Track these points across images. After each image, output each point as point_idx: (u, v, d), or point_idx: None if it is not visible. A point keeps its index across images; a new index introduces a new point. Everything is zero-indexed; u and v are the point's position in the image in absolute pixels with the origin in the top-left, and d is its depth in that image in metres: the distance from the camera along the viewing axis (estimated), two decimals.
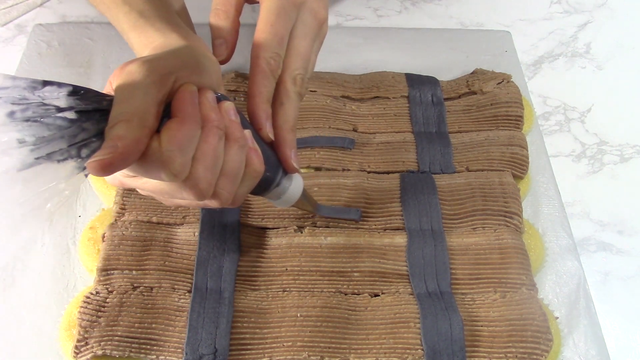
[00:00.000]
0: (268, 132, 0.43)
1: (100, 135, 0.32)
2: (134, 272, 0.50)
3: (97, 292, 0.48)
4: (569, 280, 0.53)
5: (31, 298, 0.51)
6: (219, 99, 0.39)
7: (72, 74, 0.66)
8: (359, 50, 0.71)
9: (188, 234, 0.52)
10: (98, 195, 0.57)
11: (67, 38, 0.70)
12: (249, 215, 0.54)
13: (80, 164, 0.31)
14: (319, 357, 0.46)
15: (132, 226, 0.52)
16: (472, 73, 0.67)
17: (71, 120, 0.30)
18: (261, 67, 0.43)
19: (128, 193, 0.54)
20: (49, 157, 0.30)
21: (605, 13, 0.79)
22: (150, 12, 0.45)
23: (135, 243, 0.51)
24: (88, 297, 0.48)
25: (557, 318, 0.51)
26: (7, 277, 0.52)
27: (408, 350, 0.46)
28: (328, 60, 0.69)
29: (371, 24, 0.76)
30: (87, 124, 0.31)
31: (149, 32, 0.44)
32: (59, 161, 0.30)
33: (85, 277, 0.52)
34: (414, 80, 0.65)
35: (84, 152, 0.31)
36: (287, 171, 0.45)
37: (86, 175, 0.31)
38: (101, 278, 0.49)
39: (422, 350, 0.46)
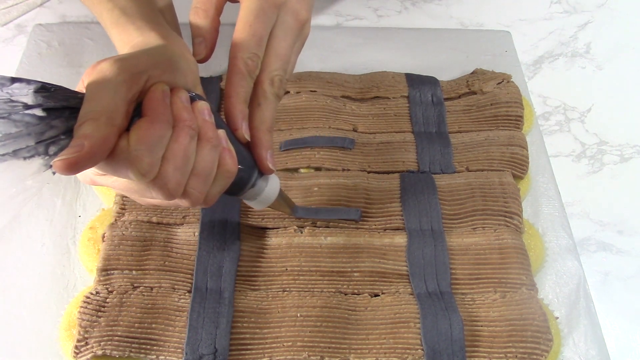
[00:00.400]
0: (244, 132, 0.43)
1: (69, 133, 0.31)
2: (134, 272, 0.50)
3: (97, 292, 0.48)
4: (569, 280, 0.53)
5: (31, 298, 0.51)
6: (193, 99, 0.39)
7: (72, 74, 0.66)
8: (359, 50, 0.71)
9: (188, 234, 0.52)
10: (98, 195, 0.57)
11: (67, 38, 0.70)
12: (249, 215, 0.54)
13: (47, 162, 0.31)
14: (319, 357, 0.46)
15: (132, 226, 0.52)
16: (472, 73, 0.67)
17: (39, 118, 0.30)
18: (238, 68, 0.43)
19: None
20: (15, 154, 0.30)
21: (605, 13, 0.79)
22: (132, 10, 0.45)
23: (135, 243, 0.51)
24: (88, 297, 0.48)
25: (557, 318, 0.51)
26: (7, 277, 0.52)
27: (408, 350, 0.46)
28: (328, 60, 0.69)
29: (371, 24, 0.76)
30: (55, 122, 0.31)
31: (129, 30, 0.44)
32: (25, 158, 0.30)
33: (85, 277, 0.52)
34: (414, 80, 0.65)
35: (52, 149, 0.31)
36: (262, 172, 0.45)
37: (54, 173, 0.31)
38: (101, 278, 0.49)
39: (422, 350, 0.46)
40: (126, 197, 0.54)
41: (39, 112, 0.30)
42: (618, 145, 0.66)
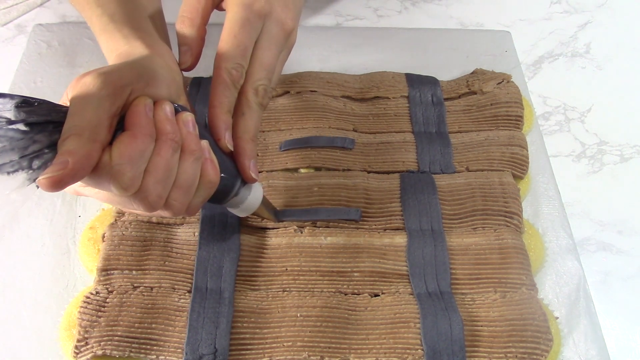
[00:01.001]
0: (227, 142, 0.43)
1: (53, 146, 0.32)
2: (134, 272, 0.50)
3: (97, 292, 0.48)
4: (569, 280, 0.53)
5: (31, 298, 0.51)
6: (177, 110, 0.39)
7: (72, 74, 0.66)
8: (359, 50, 0.71)
9: (188, 234, 0.52)
10: None
11: (67, 38, 0.70)
12: (249, 215, 0.54)
13: (31, 176, 0.31)
14: (319, 357, 0.46)
15: (132, 226, 0.52)
16: (472, 73, 0.67)
17: (22, 132, 0.30)
18: (222, 78, 0.43)
19: None
20: None
21: (605, 13, 0.79)
22: (119, 17, 0.45)
23: (135, 243, 0.51)
24: (88, 297, 0.48)
25: (557, 318, 0.51)
26: (7, 277, 0.52)
27: (408, 350, 0.46)
28: (328, 60, 0.69)
29: (371, 24, 0.76)
30: (38, 136, 0.31)
31: (116, 37, 0.44)
32: (9, 173, 0.30)
33: (85, 277, 0.52)
34: (414, 80, 0.65)
35: (36, 163, 0.31)
36: (245, 181, 0.45)
37: (37, 187, 0.31)
38: (101, 278, 0.49)
39: (422, 350, 0.46)
40: None
41: (21, 126, 0.30)
42: (618, 145, 0.66)
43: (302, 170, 0.57)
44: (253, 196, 0.46)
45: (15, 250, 0.53)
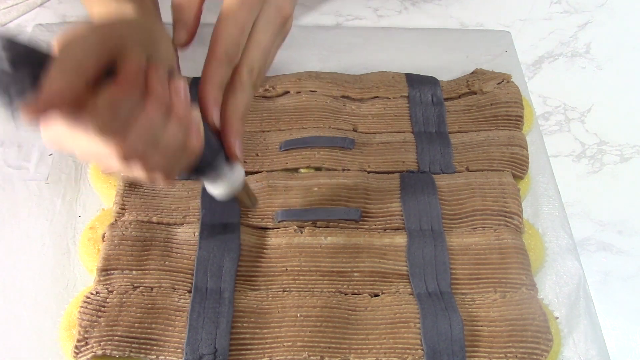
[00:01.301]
0: (214, 118, 0.42)
1: (36, 87, 0.31)
2: (134, 272, 0.50)
3: (97, 292, 0.48)
4: (569, 280, 0.53)
5: (31, 298, 0.51)
6: (171, 76, 0.38)
7: None
8: (359, 50, 0.71)
9: (188, 234, 0.52)
10: (98, 195, 0.57)
11: None
12: (249, 215, 0.54)
13: (12, 109, 0.30)
14: (319, 357, 0.46)
15: (132, 226, 0.52)
16: (472, 73, 0.67)
17: (4, 72, 0.30)
18: (217, 54, 0.43)
19: (128, 193, 0.54)
20: None
21: (605, 13, 0.79)
22: None
23: (135, 243, 0.51)
24: (88, 297, 0.48)
25: (557, 318, 0.51)
26: (7, 276, 0.52)
27: (408, 350, 0.46)
28: (328, 60, 0.69)
29: (371, 24, 0.76)
30: (21, 75, 0.31)
31: (111, 5, 0.44)
32: None
33: (85, 277, 0.52)
34: (414, 80, 0.65)
35: (17, 101, 0.30)
36: (228, 157, 0.44)
37: (17, 119, 0.31)
38: (101, 278, 0.49)
39: (422, 350, 0.46)
40: (126, 197, 0.54)
41: (5, 65, 0.30)
42: (618, 145, 0.66)
43: (302, 170, 0.57)
44: (234, 176, 0.45)
45: (15, 250, 0.53)
